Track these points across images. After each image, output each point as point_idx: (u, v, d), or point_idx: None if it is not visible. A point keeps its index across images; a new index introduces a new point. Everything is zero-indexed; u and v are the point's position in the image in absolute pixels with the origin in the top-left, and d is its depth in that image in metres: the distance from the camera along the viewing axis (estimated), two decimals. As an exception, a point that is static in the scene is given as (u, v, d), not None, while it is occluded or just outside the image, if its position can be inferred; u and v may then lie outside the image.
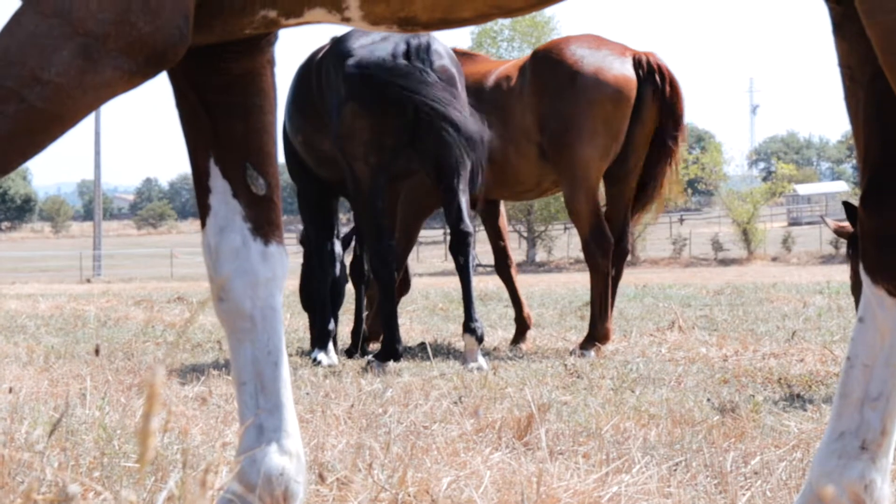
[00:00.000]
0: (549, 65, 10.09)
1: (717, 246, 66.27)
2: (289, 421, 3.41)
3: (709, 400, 6.49)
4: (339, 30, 9.39)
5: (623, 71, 9.93)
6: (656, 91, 9.90)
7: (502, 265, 11.12)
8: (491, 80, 10.27)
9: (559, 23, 70.75)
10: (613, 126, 9.88)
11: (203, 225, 3.49)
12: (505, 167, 10.20)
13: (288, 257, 3.52)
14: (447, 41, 9.31)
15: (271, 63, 3.54)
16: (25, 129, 2.84)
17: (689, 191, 73.69)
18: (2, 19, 3.25)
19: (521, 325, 10.78)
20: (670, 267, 59.35)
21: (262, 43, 3.45)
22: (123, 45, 2.84)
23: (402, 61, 8.93)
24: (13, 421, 5.13)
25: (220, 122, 3.44)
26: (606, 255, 9.78)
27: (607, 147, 9.90)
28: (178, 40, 2.93)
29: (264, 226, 3.45)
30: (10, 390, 6.38)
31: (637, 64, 9.96)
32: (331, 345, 9.59)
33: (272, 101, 3.53)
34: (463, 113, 8.81)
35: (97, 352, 4.91)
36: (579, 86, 9.88)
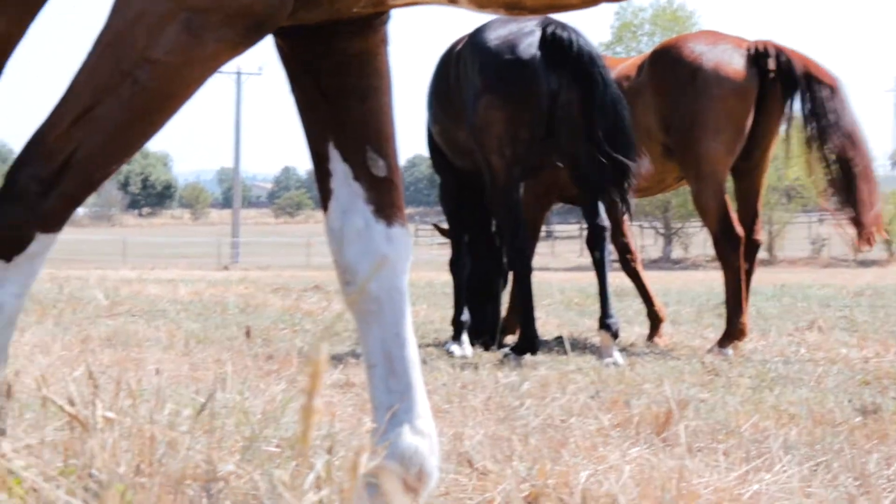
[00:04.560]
0: (668, 63, 10.06)
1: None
2: (419, 402, 3.40)
3: (850, 401, 6.39)
4: (482, 19, 9.41)
5: (743, 64, 9.85)
6: (777, 72, 9.78)
7: (626, 261, 11.08)
8: None
9: (700, 17, 70.15)
10: (737, 120, 9.80)
11: (325, 209, 3.47)
12: None
13: (411, 239, 3.51)
14: (587, 34, 9.24)
15: (385, 43, 3.50)
16: (142, 110, 2.90)
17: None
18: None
19: (655, 320, 10.72)
20: (808, 267, 58.43)
21: (375, 22, 3.41)
22: (224, 16, 2.86)
23: (538, 53, 8.93)
24: (157, 403, 5.23)
25: (336, 105, 3.42)
26: (736, 250, 9.71)
27: (732, 142, 9.81)
28: (277, 7, 2.94)
29: (386, 208, 3.43)
30: (157, 372, 6.50)
31: (754, 54, 9.85)
32: (465, 336, 9.61)
33: (388, 81, 3.49)
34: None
35: (248, 334, 4.98)
36: (700, 82, 9.82)
